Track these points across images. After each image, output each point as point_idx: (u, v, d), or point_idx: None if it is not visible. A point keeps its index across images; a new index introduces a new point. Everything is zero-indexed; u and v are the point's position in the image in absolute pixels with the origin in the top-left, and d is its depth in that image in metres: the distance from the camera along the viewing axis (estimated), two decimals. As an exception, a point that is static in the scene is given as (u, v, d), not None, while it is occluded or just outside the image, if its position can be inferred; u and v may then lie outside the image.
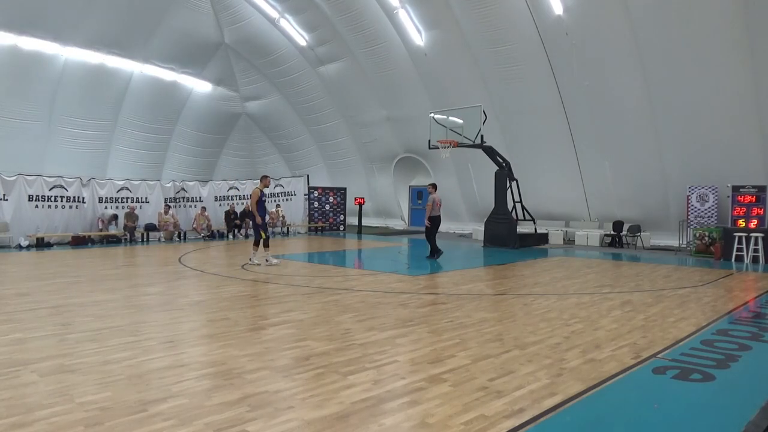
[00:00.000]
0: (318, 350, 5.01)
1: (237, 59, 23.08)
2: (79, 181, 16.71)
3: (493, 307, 7.17)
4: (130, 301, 7.47)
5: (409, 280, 9.59)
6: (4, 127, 17.34)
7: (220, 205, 20.27)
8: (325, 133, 24.68)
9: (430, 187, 12.93)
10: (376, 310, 6.87)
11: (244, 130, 25.93)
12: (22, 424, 3.30)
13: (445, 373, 4.37)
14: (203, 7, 20.22)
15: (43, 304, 7.05)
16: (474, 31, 17.13)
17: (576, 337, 5.57)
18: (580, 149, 17.03)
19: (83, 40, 18.31)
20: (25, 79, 17.56)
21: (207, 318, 6.43)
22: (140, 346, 5.12)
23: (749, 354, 5.10)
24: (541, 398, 3.83)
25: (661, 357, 4.92)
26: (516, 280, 9.87)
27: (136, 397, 3.77)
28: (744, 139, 14.00)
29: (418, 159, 22.45)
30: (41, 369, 4.38)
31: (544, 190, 18.38)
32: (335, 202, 23.26)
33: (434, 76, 19.44)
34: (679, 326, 6.11)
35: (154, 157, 22.42)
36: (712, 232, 13.78)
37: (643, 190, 16.34)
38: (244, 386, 4.01)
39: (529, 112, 17.49)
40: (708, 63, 13.60)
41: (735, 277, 10.43)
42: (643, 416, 3.60)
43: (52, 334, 5.53)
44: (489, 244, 16.17)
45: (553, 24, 15.43)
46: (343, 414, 3.53)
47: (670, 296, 8.06)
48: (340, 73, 21.87)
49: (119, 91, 20.25)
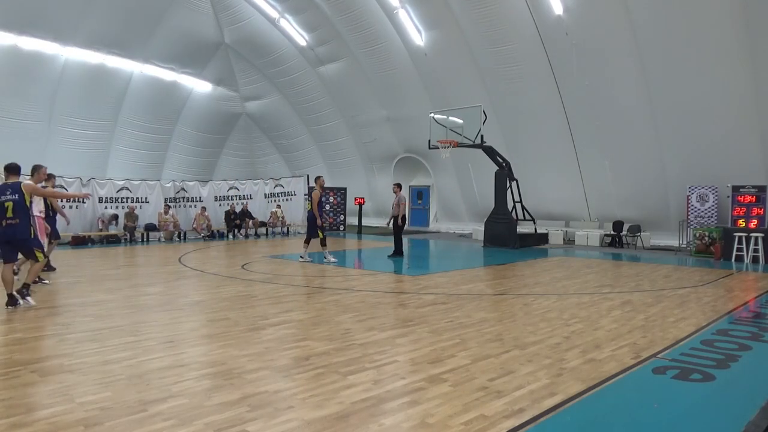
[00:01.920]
0: (318, 350, 5.01)
1: (237, 59, 23.08)
2: (79, 181, 16.70)
3: (493, 307, 7.17)
4: (130, 301, 7.47)
5: (409, 280, 9.59)
6: (4, 127, 17.34)
7: (220, 205, 20.27)
8: (325, 133, 24.68)
9: (395, 187, 13.00)
10: (376, 310, 6.87)
11: (244, 130, 25.94)
12: (22, 424, 3.30)
13: (445, 373, 4.37)
14: (203, 7, 20.22)
15: (43, 304, 7.05)
16: (474, 31, 17.12)
17: (576, 337, 5.57)
18: (580, 149, 17.03)
19: (83, 40, 18.31)
20: (25, 79, 17.57)
21: (207, 318, 6.43)
22: (140, 346, 5.12)
23: (749, 354, 5.10)
24: (541, 398, 3.83)
25: (661, 357, 4.92)
26: (516, 280, 9.87)
27: (136, 397, 3.77)
28: (744, 139, 14.00)
29: (418, 159, 22.45)
30: (41, 369, 4.38)
31: (544, 190, 18.38)
32: (335, 202, 23.24)
33: (434, 76, 19.44)
34: (679, 326, 6.11)
35: (154, 157, 22.42)
36: (712, 232, 13.78)
37: (643, 190, 16.34)
38: (244, 386, 4.01)
39: (529, 112, 17.49)
40: (708, 63, 13.60)
41: (735, 277, 10.43)
42: (643, 416, 3.60)
43: (52, 334, 5.53)
44: (489, 244, 16.16)
45: (553, 24, 15.43)
46: (343, 414, 3.53)
47: (670, 296, 8.06)
48: (340, 73, 21.87)
49: (119, 91, 20.25)
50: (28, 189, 6.87)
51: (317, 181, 12.02)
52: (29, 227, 6.84)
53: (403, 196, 12.90)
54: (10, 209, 6.70)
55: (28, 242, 6.90)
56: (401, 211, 12.62)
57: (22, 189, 6.78)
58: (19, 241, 6.83)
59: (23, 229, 6.76)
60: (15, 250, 6.97)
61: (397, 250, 12.84)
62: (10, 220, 6.71)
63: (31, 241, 6.94)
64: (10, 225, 6.72)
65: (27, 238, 6.84)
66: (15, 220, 6.72)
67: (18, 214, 6.72)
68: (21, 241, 6.84)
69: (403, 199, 12.76)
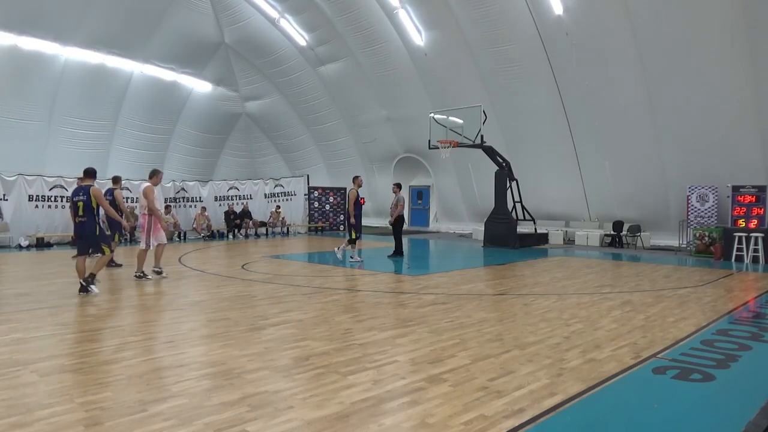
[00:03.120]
0: (318, 350, 5.01)
1: (237, 59, 23.08)
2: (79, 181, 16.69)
3: (493, 307, 7.17)
4: (130, 301, 7.47)
5: (409, 280, 9.59)
6: (4, 127, 17.33)
7: (220, 205, 20.28)
8: (325, 133, 24.68)
9: (395, 187, 13.00)
10: (376, 310, 6.87)
11: (244, 130, 25.93)
12: (22, 424, 3.30)
13: (445, 373, 4.37)
14: (203, 7, 20.21)
15: (43, 304, 7.05)
16: (474, 31, 17.12)
17: (576, 337, 5.57)
18: (580, 149, 17.03)
19: (83, 40, 18.30)
20: (25, 79, 17.55)
21: (207, 318, 6.43)
22: (140, 346, 5.12)
23: (749, 354, 5.10)
24: (541, 398, 3.83)
25: (661, 357, 4.92)
26: (516, 280, 9.86)
27: (136, 397, 3.77)
28: (744, 139, 14.00)
29: (418, 159, 22.45)
30: (41, 369, 4.38)
31: (544, 190, 18.38)
32: (335, 202, 23.26)
33: (434, 76, 19.44)
34: (679, 326, 6.11)
35: (154, 157, 22.36)
36: (712, 232, 13.78)
37: (643, 190, 16.33)
38: (244, 386, 4.01)
39: (529, 112, 17.49)
40: (708, 63, 13.60)
41: (735, 277, 10.43)
42: (643, 416, 3.60)
43: (52, 334, 5.53)
44: (489, 244, 16.16)
45: (553, 24, 15.43)
46: (343, 414, 3.53)
47: (670, 296, 8.06)
48: (340, 73, 21.87)
49: (119, 91, 20.24)
50: (95, 193, 7.83)
51: (355, 181, 12.14)
52: (96, 225, 7.84)
53: (402, 196, 12.90)
54: (81, 208, 7.80)
55: (95, 237, 7.90)
56: (399, 212, 12.64)
57: (90, 192, 7.79)
58: (87, 236, 7.88)
59: (91, 226, 7.80)
60: (87, 245, 7.99)
61: (398, 250, 12.85)
62: (80, 218, 7.84)
63: (98, 237, 7.92)
64: (81, 222, 7.85)
65: (94, 234, 7.85)
66: (84, 218, 7.80)
67: (86, 213, 7.79)
68: (89, 236, 7.87)
69: (402, 199, 12.78)
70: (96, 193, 7.83)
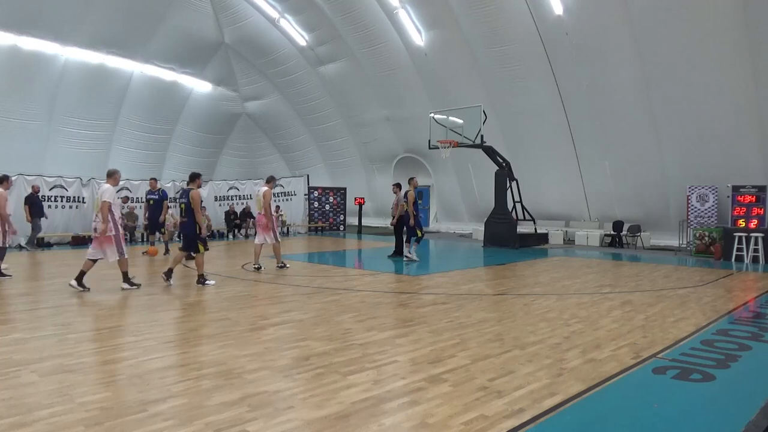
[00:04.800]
0: (318, 350, 5.01)
1: (237, 59, 23.07)
2: (79, 181, 16.71)
3: (493, 307, 7.17)
4: (130, 301, 7.47)
5: (409, 280, 9.59)
6: (4, 127, 17.32)
7: (220, 205, 20.28)
8: (325, 133, 24.68)
9: (395, 187, 13.00)
10: (376, 310, 6.87)
11: (244, 130, 25.92)
12: (22, 424, 3.30)
13: (445, 373, 4.37)
14: (203, 7, 20.21)
15: (43, 304, 7.05)
16: (474, 31, 17.12)
17: (576, 337, 5.57)
18: (580, 149, 17.03)
19: (83, 40, 18.30)
20: (25, 79, 17.54)
21: (207, 318, 6.44)
22: (140, 346, 5.12)
23: (749, 354, 5.10)
24: (541, 398, 3.83)
25: (661, 357, 4.92)
26: (516, 280, 9.86)
27: (136, 397, 3.77)
28: (744, 140, 14.00)
29: (418, 159, 22.44)
30: (41, 369, 4.38)
31: (544, 190, 18.38)
32: (335, 202, 23.25)
33: (434, 76, 19.44)
34: (679, 326, 6.11)
35: (154, 157, 22.39)
36: (712, 232, 13.78)
37: (643, 190, 16.34)
38: (244, 386, 4.01)
39: (529, 112, 17.49)
40: (708, 63, 13.60)
41: (735, 277, 10.43)
42: (643, 416, 3.60)
43: (52, 334, 5.52)
44: (489, 244, 16.16)
45: (553, 24, 15.43)
46: (343, 414, 3.53)
47: (670, 296, 8.06)
48: (340, 73, 21.87)
49: (119, 91, 20.23)
50: (193, 195, 8.59)
51: (411, 182, 12.15)
52: (195, 225, 8.55)
53: (402, 195, 12.91)
54: (183, 210, 8.70)
55: (192, 237, 8.63)
56: (400, 211, 12.65)
57: (190, 196, 8.57)
58: (186, 235, 8.72)
59: (190, 227, 8.60)
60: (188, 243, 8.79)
61: (398, 251, 12.84)
62: (183, 218, 8.77)
63: (196, 237, 8.61)
64: (182, 222, 8.82)
65: (191, 233, 8.61)
66: (184, 219, 8.69)
67: (187, 215, 8.62)
68: (187, 235, 8.69)
69: (402, 199, 12.79)
70: (195, 196, 8.56)
